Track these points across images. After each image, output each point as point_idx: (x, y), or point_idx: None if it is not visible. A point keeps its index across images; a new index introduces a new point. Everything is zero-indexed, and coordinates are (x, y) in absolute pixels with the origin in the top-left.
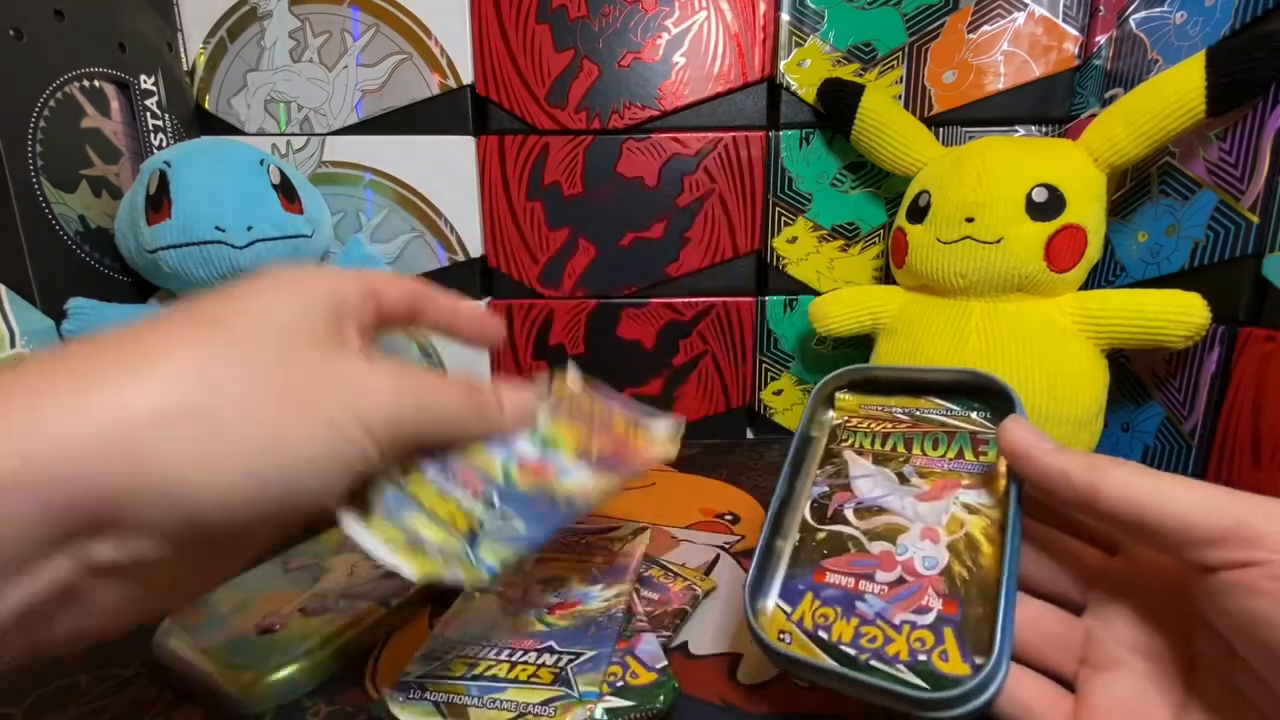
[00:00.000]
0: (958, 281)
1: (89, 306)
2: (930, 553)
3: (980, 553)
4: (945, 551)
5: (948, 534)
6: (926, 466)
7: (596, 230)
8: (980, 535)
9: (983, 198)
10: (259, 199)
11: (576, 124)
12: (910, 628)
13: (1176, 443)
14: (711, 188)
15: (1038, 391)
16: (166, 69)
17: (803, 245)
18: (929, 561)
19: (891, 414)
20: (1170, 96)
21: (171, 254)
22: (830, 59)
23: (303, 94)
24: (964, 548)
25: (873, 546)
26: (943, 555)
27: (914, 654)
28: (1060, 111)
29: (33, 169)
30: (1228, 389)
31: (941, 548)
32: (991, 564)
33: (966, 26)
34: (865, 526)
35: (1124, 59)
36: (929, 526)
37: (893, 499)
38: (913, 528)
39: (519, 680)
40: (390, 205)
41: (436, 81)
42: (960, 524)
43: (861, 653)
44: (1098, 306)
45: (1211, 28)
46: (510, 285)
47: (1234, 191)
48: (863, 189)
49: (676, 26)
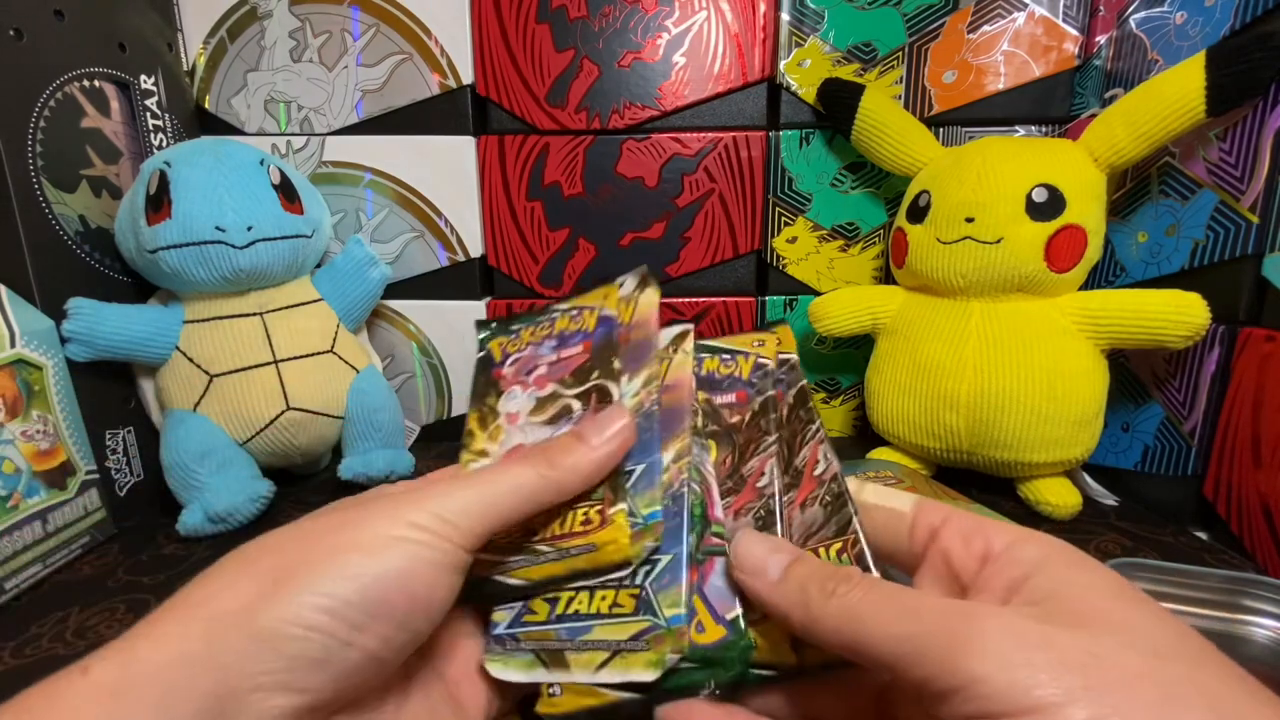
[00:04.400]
0: (958, 281)
1: (89, 306)
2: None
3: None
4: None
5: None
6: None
7: (596, 230)
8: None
9: (983, 198)
10: (259, 199)
11: (577, 124)
12: None
13: (1176, 442)
14: (711, 188)
15: (1037, 391)
16: (167, 69)
17: (803, 245)
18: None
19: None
20: (1170, 97)
21: (171, 254)
22: (830, 59)
23: (303, 94)
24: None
25: None
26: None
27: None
28: (1060, 112)
29: (33, 169)
30: (1228, 389)
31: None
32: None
33: (966, 27)
34: None
35: (1124, 59)
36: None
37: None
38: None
39: (602, 614)
40: (390, 205)
41: (436, 81)
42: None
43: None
44: (1098, 306)
45: (1211, 28)
46: (510, 285)
47: (1234, 192)
48: (863, 189)
49: (676, 26)
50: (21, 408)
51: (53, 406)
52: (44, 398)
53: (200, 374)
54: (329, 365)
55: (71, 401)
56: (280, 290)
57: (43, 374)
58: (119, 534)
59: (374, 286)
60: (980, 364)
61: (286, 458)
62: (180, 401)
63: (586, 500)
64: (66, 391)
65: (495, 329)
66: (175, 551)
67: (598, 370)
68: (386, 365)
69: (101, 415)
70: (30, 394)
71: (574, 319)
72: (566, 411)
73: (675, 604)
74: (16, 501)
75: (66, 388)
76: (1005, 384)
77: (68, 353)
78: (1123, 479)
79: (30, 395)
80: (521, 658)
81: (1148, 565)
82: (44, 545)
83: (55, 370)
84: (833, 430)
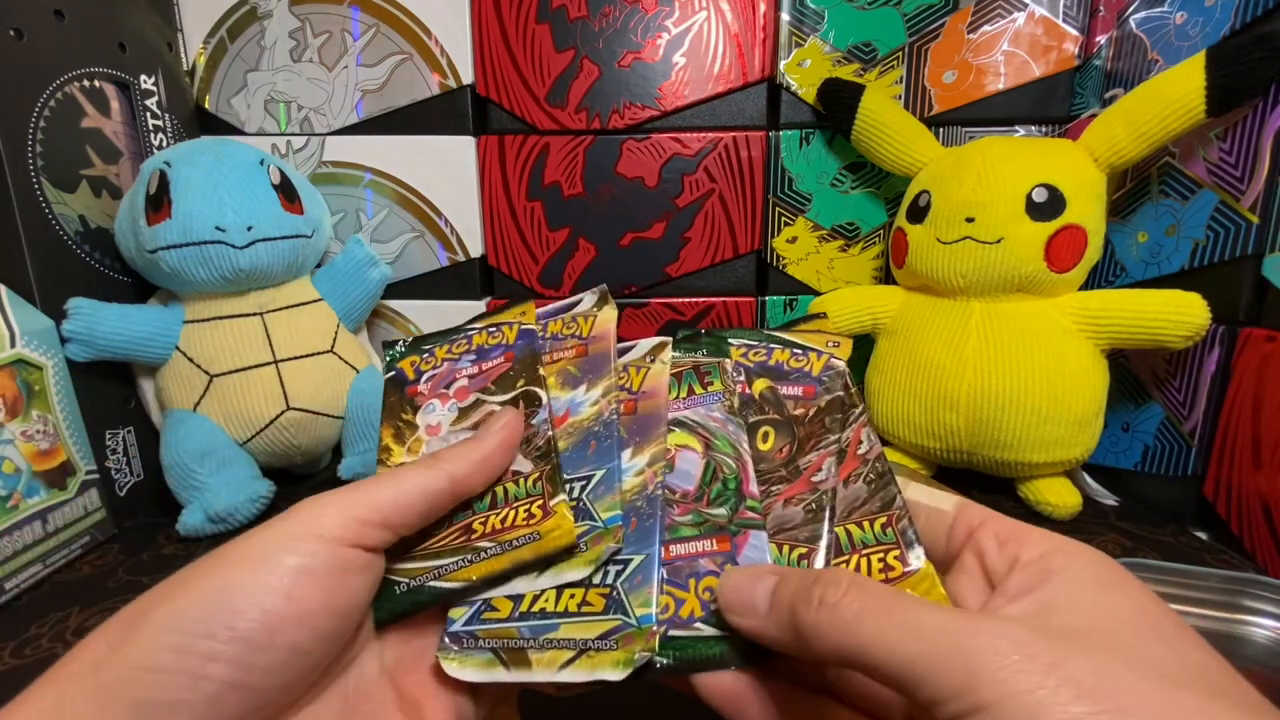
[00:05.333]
0: (958, 281)
1: (89, 306)
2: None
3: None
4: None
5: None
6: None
7: (597, 230)
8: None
9: (983, 198)
10: (259, 199)
11: (577, 124)
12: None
13: (1176, 443)
14: (711, 188)
15: (1038, 391)
16: (167, 69)
17: (803, 245)
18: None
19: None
20: (1170, 97)
21: (171, 254)
22: (830, 59)
23: (303, 94)
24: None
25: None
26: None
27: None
28: (1060, 112)
29: (33, 169)
30: (1228, 389)
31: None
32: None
33: (966, 27)
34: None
35: (1124, 59)
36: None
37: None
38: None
39: (570, 612)
40: (390, 205)
41: (436, 81)
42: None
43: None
44: (1098, 307)
45: (1212, 28)
46: (510, 285)
47: (1234, 192)
48: (863, 189)
49: (677, 26)
50: (21, 408)
51: (53, 406)
52: (44, 398)
53: (200, 374)
54: (329, 365)
55: (71, 401)
56: (280, 290)
57: (43, 374)
58: (119, 534)
59: (374, 286)
60: (980, 364)
61: (287, 458)
62: (180, 401)
63: (525, 499)
64: (66, 391)
65: (405, 350)
66: (175, 551)
67: (523, 378)
68: None
69: (101, 415)
70: (30, 394)
71: (491, 335)
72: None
73: (646, 603)
74: (16, 501)
75: (66, 388)
76: (1005, 384)
77: (68, 353)
78: (1123, 479)
79: (30, 395)
80: (479, 656)
81: (1148, 565)
82: (44, 545)
83: (55, 370)
84: None
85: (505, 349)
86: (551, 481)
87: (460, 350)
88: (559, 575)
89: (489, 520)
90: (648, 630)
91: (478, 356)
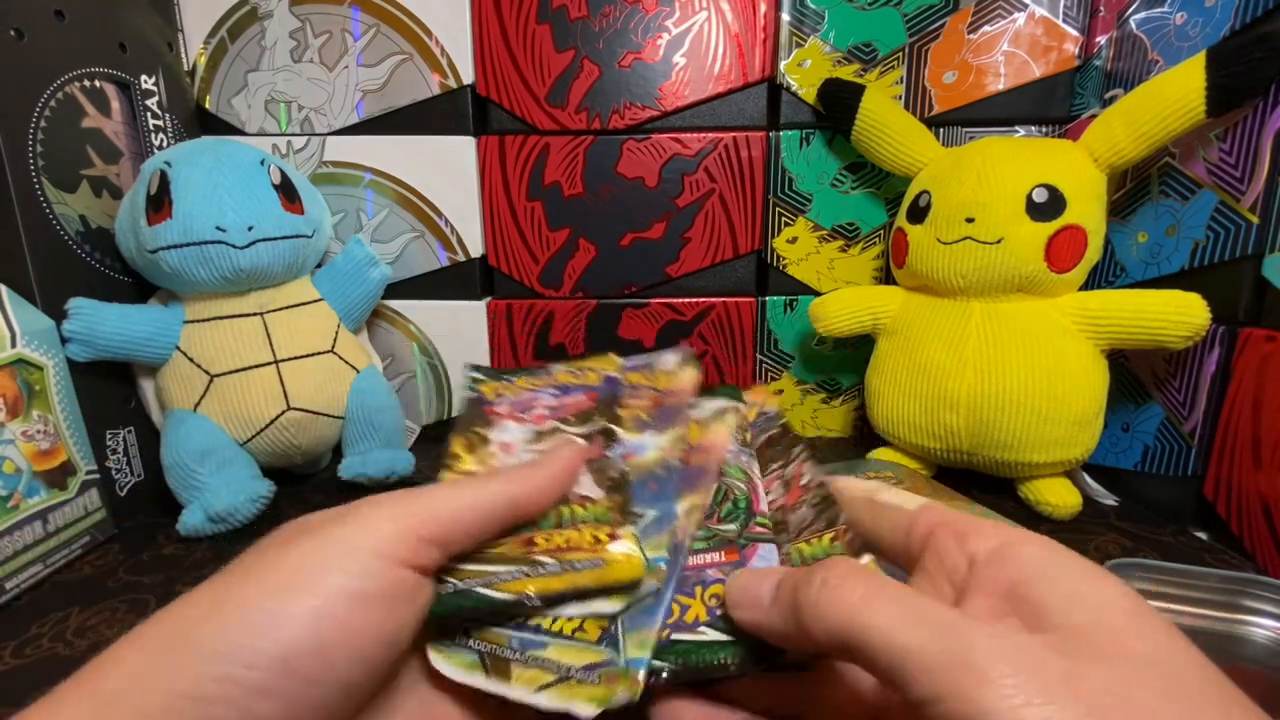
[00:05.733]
0: (958, 282)
1: (89, 306)
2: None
3: None
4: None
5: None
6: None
7: (597, 230)
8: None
9: (983, 198)
10: (260, 199)
11: (577, 124)
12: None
13: (1176, 443)
14: (712, 188)
15: (1038, 391)
16: (167, 69)
17: (803, 245)
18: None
19: None
20: (1170, 97)
21: (172, 254)
22: (831, 59)
23: (303, 94)
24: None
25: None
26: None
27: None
28: (1060, 112)
29: (33, 169)
30: (1228, 389)
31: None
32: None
33: (967, 27)
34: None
35: (1124, 59)
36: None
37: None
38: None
39: (563, 634)
40: (390, 205)
41: (437, 82)
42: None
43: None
44: (1098, 307)
45: (1212, 28)
46: (511, 285)
47: (1234, 192)
48: (863, 189)
49: (677, 27)
50: (22, 408)
51: (53, 406)
52: (44, 398)
53: (201, 374)
54: (329, 365)
55: (72, 401)
56: (281, 290)
57: (43, 374)
58: (119, 534)
59: (374, 286)
60: (980, 364)
61: (287, 458)
62: (181, 401)
63: (592, 524)
64: (67, 391)
65: (488, 375)
66: (176, 551)
67: (604, 417)
68: (387, 365)
69: (102, 415)
70: (31, 394)
71: (576, 375)
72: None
73: (642, 646)
74: (17, 501)
75: (67, 388)
76: (1005, 384)
77: (68, 353)
78: (1123, 479)
79: (31, 395)
80: (466, 656)
81: (1148, 565)
82: (44, 545)
83: (56, 370)
84: (833, 430)
85: (588, 389)
86: (621, 512)
87: (542, 383)
88: (586, 605)
89: (552, 537)
90: (633, 675)
91: (560, 392)
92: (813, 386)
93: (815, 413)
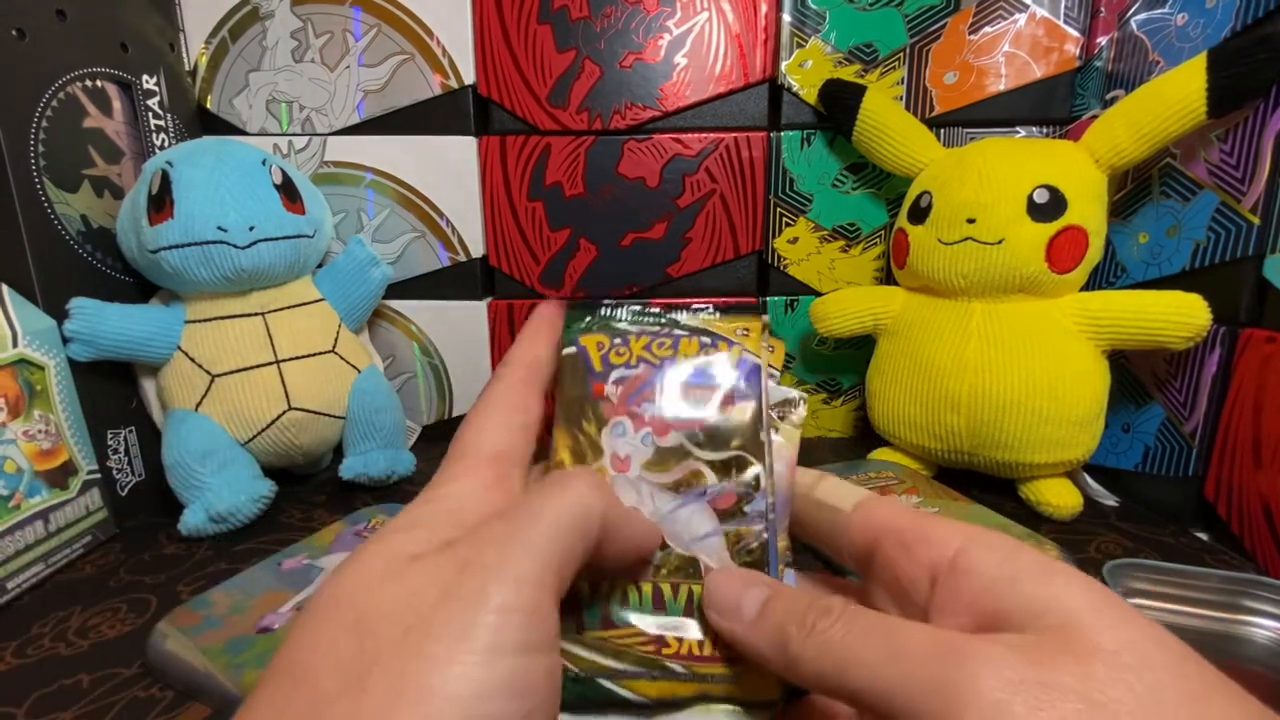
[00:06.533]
0: (959, 282)
1: (91, 306)
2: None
3: None
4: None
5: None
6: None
7: (598, 231)
8: None
9: (984, 199)
10: (261, 199)
11: (578, 124)
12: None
13: (1177, 443)
14: (713, 188)
15: (1038, 391)
16: (168, 69)
17: (804, 246)
18: None
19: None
20: (1171, 98)
21: (173, 254)
22: (832, 60)
23: (305, 94)
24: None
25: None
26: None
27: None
28: (1061, 113)
29: (35, 169)
30: (1228, 390)
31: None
32: None
33: (968, 28)
34: None
35: (1125, 60)
36: None
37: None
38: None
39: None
40: (392, 205)
41: (438, 82)
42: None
43: None
44: (1099, 308)
45: (1213, 29)
46: (511, 285)
47: (1235, 193)
48: (864, 190)
49: (678, 27)
50: (23, 407)
51: (54, 406)
52: (46, 397)
53: (202, 374)
54: (330, 365)
55: (73, 401)
56: (282, 290)
57: (45, 374)
58: (120, 534)
59: (375, 286)
60: (981, 365)
61: (288, 458)
62: (182, 401)
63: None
64: (68, 391)
65: (591, 321)
66: (177, 551)
67: (739, 439)
68: (388, 365)
69: (103, 415)
70: (32, 394)
71: (705, 348)
72: (696, 479)
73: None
74: (18, 501)
75: (68, 387)
76: (1006, 385)
77: (69, 352)
78: (1123, 479)
79: (32, 395)
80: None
81: (1148, 566)
82: (46, 545)
83: (57, 370)
84: (833, 431)
85: (718, 381)
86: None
87: (663, 353)
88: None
89: (685, 642)
90: None
91: (689, 376)
92: (813, 386)
93: (816, 413)
